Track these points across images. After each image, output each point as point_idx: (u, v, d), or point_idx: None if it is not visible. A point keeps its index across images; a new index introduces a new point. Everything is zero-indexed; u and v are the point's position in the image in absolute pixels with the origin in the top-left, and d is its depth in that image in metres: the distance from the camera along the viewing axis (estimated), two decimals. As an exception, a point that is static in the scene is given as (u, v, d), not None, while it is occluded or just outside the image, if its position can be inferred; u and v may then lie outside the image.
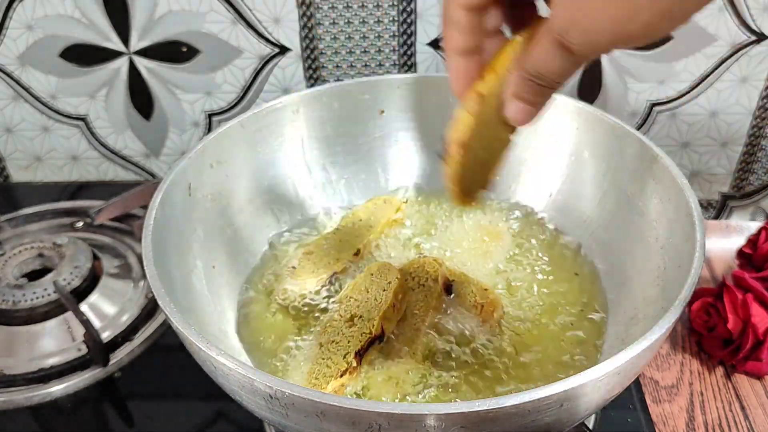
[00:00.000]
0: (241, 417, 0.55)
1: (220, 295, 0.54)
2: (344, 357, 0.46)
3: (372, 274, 0.52)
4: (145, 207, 0.62)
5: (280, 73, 0.77)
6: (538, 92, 0.36)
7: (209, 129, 0.83)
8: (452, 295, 0.52)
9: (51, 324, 0.62)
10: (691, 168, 0.80)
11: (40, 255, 0.69)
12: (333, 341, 0.47)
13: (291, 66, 0.77)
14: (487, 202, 0.64)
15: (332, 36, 0.75)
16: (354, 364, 0.46)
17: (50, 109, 0.82)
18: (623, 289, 0.53)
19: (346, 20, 0.73)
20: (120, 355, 0.61)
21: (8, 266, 0.67)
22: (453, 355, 0.48)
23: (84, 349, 0.61)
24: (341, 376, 0.45)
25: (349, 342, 0.47)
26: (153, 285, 0.42)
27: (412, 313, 0.50)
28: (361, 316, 0.48)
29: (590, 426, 0.54)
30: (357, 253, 0.57)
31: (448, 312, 0.51)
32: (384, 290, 0.50)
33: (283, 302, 0.54)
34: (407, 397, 0.46)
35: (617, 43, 0.32)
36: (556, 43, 0.32)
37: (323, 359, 0.47)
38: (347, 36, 0.75)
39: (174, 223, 0.51)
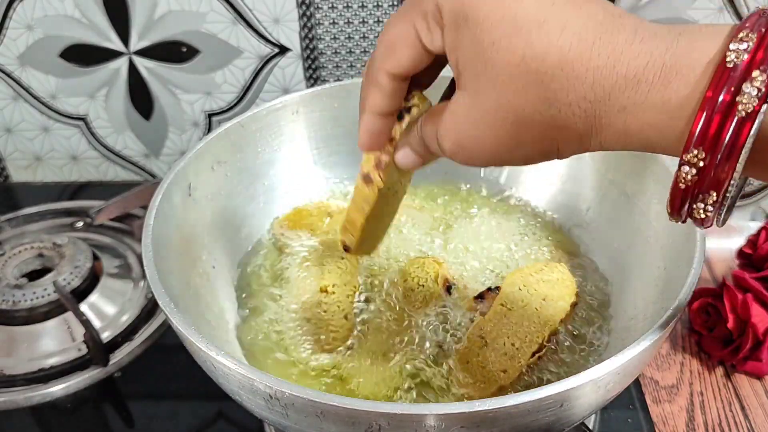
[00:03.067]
0: (241, 417, 0.56)
1: (219, 294, 0.54)
2: None
3: None
4: (145, 207, 0.62)
5: (280, 73, 0.77)
6: (427, 152, 0.39)
7: (209, 129, 0.83)
8: (452, 295, 0.52)
9: (51, 324, 0.62)
10: (691, 168, 0.80)
11: (40, 255, 0.69)
12: None
13: (291, 66, 0.77)
14: (488, 203, 0.64)
15: (332, 36, 0.75)
16: None
17: (50, 109, 0.82)
18: (623, 289, 0.53)
19: (346, 20, 0.73)
20: (120, 355, 0.61)
21: (8, 266, 0.67)
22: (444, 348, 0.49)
23: (84, 349, 0.61)
24: None
25: None
26: (153, 285, 0.42)
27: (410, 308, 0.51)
28: None
29: (590, 426, 0.54)
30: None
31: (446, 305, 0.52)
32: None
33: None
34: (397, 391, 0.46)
35: (492, 163, 0.35)
36: (444, 132, 0.35)
37: None
38: (347, 36, 0.75)
39: (174, 223, 0.51)
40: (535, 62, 0.30)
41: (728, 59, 0.27)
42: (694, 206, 0.30)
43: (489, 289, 0.52)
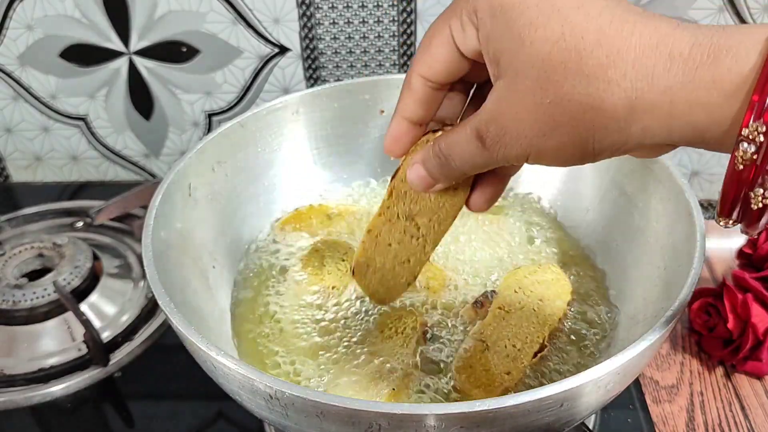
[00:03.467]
0: (241, 417, 0.56)
1: (219, 295, 0.54)
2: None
3: None
4: (145, 207, 0.62)
5: (280, 73, 0.77)
6: (442, 171, 0.37)
7: (209, 129, 0.83)
8: (430, 340, 0.50)
9: (51, 324, 0.63)
10: (691, 168, 0.80)
11: (40, 255, 0.69)
12: None
13: (291, 66, 0.77)
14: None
15: (332, 36, 0.75)
16: None
17: (50, 109, 0.82)
18: (623, 289, 0.53)
19: (346, 20, 0.73)
20: (120, 355, 0.61)
21: (8, 266, 0.67)
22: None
23: (84, 349, 0.61)
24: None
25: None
26: (153, 285, 0.42)
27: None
28: None
29: (590, 426, 0.54)
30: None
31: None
32: None
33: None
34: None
35: (527, 152, 0.33)
36: (474, 132, 0.34)
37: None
38: (347, 36, 0.75)
39: (174, 223, 0.51)
40: (573, 38, 0.30)
41: None
42: (752, 193, 0.29)
43: (486, 294, 0.52)
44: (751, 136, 0.27)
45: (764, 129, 0.27)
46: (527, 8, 0.31)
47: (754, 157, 0.28)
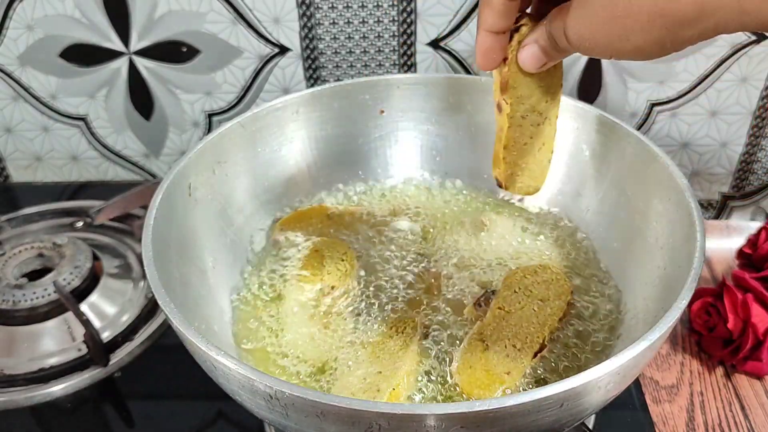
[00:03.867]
0: (241, 417, 0.56)
1: (219, 295, 0.54)
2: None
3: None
4: (145, 207, 0.62)
5: (280, 73, 0.77)
6: (553, 46, 0.41)
7: (209, 129, 0.83)
8: (430, 340, 0.50)
9: (51, 324, 0.63)
10: (691, 168, 0.80)
11: (40, 255, 0.69)
12: None
13: (291, 66, 0.77)
14: (489, 201, 0.64)
15: (332, 36, 0.75)
16: None
17: (50, 109, 0.82)
18: (623, 289, 0.53)
19: (346, 20, 0.73)
20: (120, 355, 0.61)
21: (8, 266, 0.67)
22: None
23: (84, 349, 0.61)
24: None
25: None
26: (153, 285, 0.42)
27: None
28: None
29: (590, 426, 0.54)
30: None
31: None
32: None
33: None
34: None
35: (609, 53, 0.36)
36: (565, 26, 0.37)
37: None
38: (347, 36, 0.75)
39: (174, 223, 0.51)
40: None
41: None
42: None
43: (486, 294, 0.52)
44: None
45: None
46: None
47: None
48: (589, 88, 0.76)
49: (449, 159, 0.66)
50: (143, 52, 0.77)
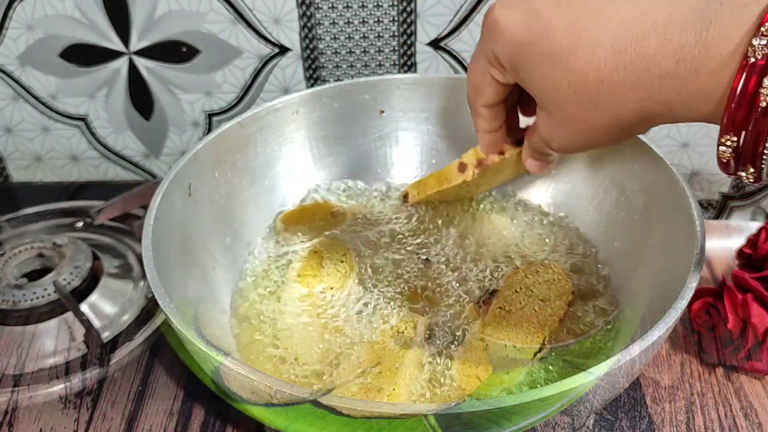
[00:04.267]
0: (241, 417, 0.55)
1: (219, 295, 0.54)
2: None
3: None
4: (145, 207, 0.62)
5: (280, 73, 0.77)
6: (542, 156, 0.50)
7: (209, 129, 0.83)
8: (430, 340, 0.51)
9: (51, 324, 0.62)
10: (691, 168, 0.80)
11: (40, 255, 0.69)
12: None
13: (291, 66, 0.77)
14: (488, 201, 0.64)
15: (332, 36, 0.75)
16: None
17: (50, 109, 0.82)
18: (623, 289, 0.53)
19: (346, 20, 0.73)
20: (120, 355, 0.61)
21: (8, 266, 0.67)
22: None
23: (84, 349, 0.61)
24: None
25: None
26: (153, 285, 0.42)
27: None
28: None
29: (590, 426, 0.54)
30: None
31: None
32: None
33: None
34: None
35: (579, 150, 0.45)
36: (543, 140, 0.44)
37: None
38: (347, 36, 0.75)
39: (174, 223, 0.51)
40: (578, 84, 0.37)
41: (749, 55, 0.31)
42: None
43: (487, 293, 0.52)
44: (726, 143, 0.36)
45: (735, 140, 0.35)
46: (535, 65, 0.39)
47: (733, 155, 0.36)
48: (589, 88, 0.76)
49: (449, 159, 0.66)
50: (143, 52, 0.77)
